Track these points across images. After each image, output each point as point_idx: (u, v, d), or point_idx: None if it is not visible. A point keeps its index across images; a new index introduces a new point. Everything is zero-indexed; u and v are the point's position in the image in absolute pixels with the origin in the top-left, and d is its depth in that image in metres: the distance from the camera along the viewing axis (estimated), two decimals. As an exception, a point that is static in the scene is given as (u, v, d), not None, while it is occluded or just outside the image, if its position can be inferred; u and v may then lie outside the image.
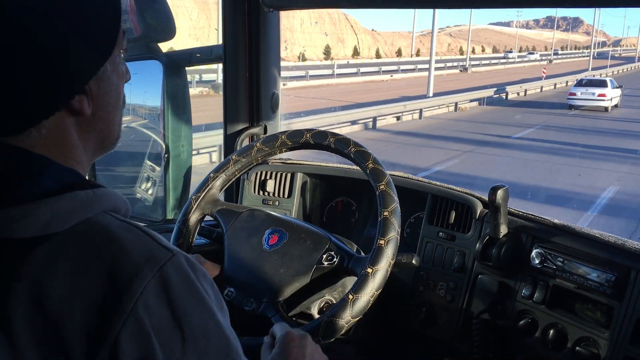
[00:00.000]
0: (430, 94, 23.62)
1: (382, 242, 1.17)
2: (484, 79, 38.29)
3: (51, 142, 0.66)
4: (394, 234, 1.18)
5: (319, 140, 1.38)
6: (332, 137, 1.36)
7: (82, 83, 0.67)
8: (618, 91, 24.87)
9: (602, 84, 24.53)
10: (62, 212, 0.62)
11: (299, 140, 1.41)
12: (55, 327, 0.58)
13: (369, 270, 1.15)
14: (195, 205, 1.42)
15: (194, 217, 1.42)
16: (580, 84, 25.29)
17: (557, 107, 24.59)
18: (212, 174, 1.45)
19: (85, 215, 0.64)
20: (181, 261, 0.64)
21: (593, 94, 23.96)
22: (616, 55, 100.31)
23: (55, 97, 0.65)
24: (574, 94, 24.55)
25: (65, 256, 0.61)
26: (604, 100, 23.85)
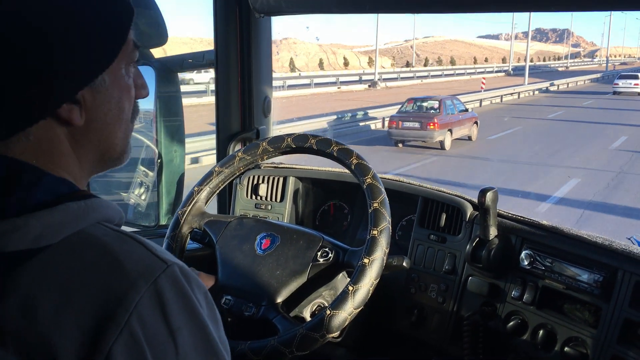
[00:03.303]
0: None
1: (375, 232, 1.19)
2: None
3: (40, 150, 0.65)
4: (385, 223, 1.20)
5: (300, 143, 1.39)
6: (313, 138, 1.37)
7: (72, 92, 0.66)
8: (646, 82, 36.72)
9: (636, 77, 36.25)
10: (54, 224, 0.62)
11: (280, 145, 1.42)
12: (46, 341, 0.57)
13: (366, 260, 1.16)
14: (183, 220, 1.42)
15: (182, 232, 1.43)
16: (621, 77, 37.60)
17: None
18: (196, 188, 1.45)
19: (78, 226, 0.63)
20: (175, 272, 0.64)
21: (630, 83, 35.92)
22: (561, 69, 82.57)
23: (41, 105, 0.63)
24: (617, 84, 36.63)
25: (57, 269, 0.60)
26: (638, 87, 35.41)
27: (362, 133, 18.01)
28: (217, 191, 1.48)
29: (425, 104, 16.11)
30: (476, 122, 16.71)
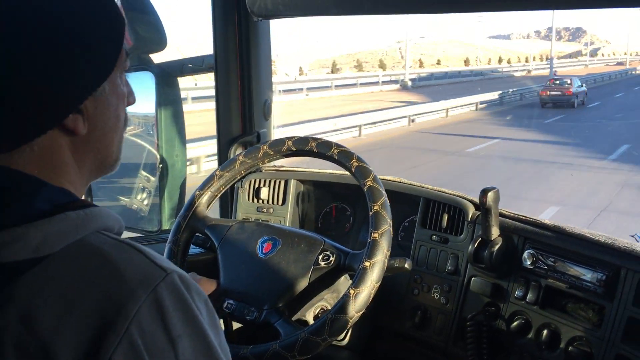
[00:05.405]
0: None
1: (376, 235, 1.19)
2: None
3: (43, 160, 0.66)
4: (386, 226, 1.20)
5: (300, 146, 1.39)
6: (314, 141, 1.37)
7: (77, 102, 0.67)
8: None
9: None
10: (53, 234, 0.62)
11: (281, 148, 1.42)
12: (46, 350, 0.57)
13: (367, 263, 1.17)
14: (184, 224, 1.43)
15: (184, 237, 1.43)
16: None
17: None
18: (197, 192, 1.45)
19: (77, 236, 0.63)
20: (175, 280, 0.64)
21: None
22: (519, 74, 59.19)
23: (48, 115, 0.65)
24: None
25: (57, 278, 0.61)
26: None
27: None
28: (219, 195, 1.48)
29: (559, 81, 27.24)
30: (586, 93, 27.48)
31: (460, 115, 23.10)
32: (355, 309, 1.14)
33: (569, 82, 26.56)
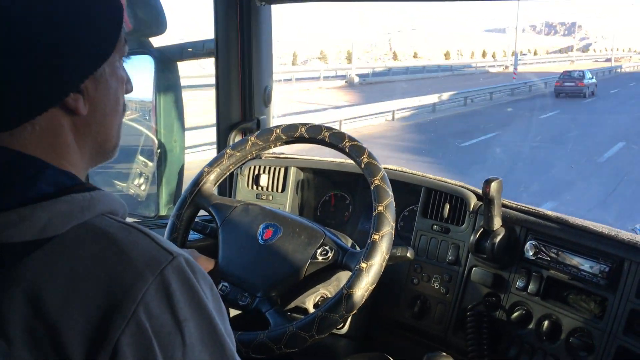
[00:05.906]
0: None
1: (376, 237, 1.18)
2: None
3: (45, 141, 0.66)
4: (388, 228, 1.18)
5: (313, 134, 1.37)
6: (327, 131, 1.36)
7: (78, 81, 0.67)
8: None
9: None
10: (59, 215, 0.62)
11: (293, 134, 1.40)
12: (53, 331, 0.57)
13: (364, 265, 1.15)
14: (190, 199, 1.41)
15: (188, 212, 1.42)
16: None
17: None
18: (206, 168, 1.44)
19: (83, 218, 0.63)
20: (181, 264, 0.64)
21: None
22: (494, 70, 49.50)
23: (49, 93, 0.65)
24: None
25: (63, 260, 0.60)
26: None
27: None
28: (227, 174, 1.46)
29: (572, 74, 28.04)
30: (596, 85, 28.11)
31: (365, 129, 16.19)
32: (346, 309, 1.13)
33: (581, 75, 27.88)
